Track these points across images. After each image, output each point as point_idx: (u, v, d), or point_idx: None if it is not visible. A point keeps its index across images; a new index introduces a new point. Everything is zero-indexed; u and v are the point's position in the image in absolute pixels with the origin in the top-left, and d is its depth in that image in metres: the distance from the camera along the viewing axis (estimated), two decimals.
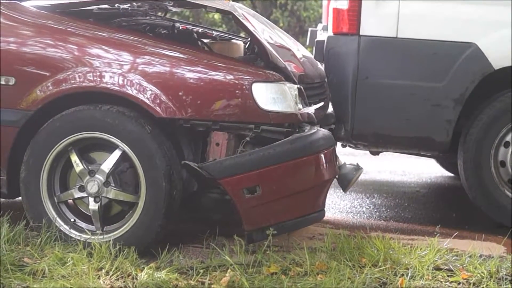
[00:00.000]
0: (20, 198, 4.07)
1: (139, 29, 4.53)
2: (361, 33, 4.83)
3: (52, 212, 3.98)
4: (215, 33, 5.13)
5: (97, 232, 3.94)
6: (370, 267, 3.78)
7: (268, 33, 4.56)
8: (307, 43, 6.08)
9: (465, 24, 4.79)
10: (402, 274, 3.74)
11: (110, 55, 3.97)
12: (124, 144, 3.88)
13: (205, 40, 4.89)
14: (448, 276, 3.78)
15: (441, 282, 3.71)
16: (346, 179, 4.37)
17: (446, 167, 6.70)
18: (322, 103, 4.55)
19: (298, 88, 4.09)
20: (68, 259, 3.68)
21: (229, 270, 3.68)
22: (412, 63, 4.83)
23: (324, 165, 3.95)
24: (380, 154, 5.84)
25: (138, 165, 3.87)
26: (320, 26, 6.20)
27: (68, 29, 4.08)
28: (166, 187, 3.85)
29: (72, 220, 4.02)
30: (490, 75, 4.75)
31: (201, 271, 3.71)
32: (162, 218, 3.88)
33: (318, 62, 5.01)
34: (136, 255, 3.79)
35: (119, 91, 3.89)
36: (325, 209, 4.08)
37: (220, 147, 3.91)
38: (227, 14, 4.31)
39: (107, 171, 3.91)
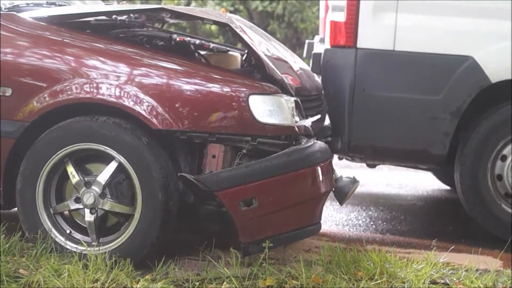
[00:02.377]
0: (16, 209, 4.06)
1: (136, 41, 4.53)
2: (358, 46, 4.84)
3: (47, 223, 3.97)
4: (212, 44, 5.12)
5: (93, 243, 3.92)
6: (366, 281, 3.77)
7: (265, 45, 4.55)
8: (304, 55, 6.08)
9: (462, 37, 4.80)
10: None
11: (107, 67, 3.97)
12: (120, 156, 3.87)
13: (202, 52, 4.88)
14: None
15: None
16: (343, 192, 4.35)
17: (443, 180, 6.69)
18: (319, 116, 4.54)
19: (295, 100, 4.09)
20: (64, 271, 3.66)
21: (224, 283, 3.68)
22: (409, 75, 4.83)
23: (321, 177, 3.94)
24: (377, 166, 5.84)
25: (134, 177, 3.87)
26: (317, 38, 6.21)
27: (65, 40, 4.08)
28: (162, 199, 3.84)
29: (68, 231, 4.00)
30: (487, 88, 4.76)
31: (197, 283, 3.70)
32: (158, 230, 3.87)
33: (315, 75, 5.01)
34: (131, 267, 3.77)
35: (116, 102, 3.89)
36: (321, 221, 4.06)
37: (217, 159, 3.90)
38: (224, 26, 4.31)
39: (103, 182, 3.90)
